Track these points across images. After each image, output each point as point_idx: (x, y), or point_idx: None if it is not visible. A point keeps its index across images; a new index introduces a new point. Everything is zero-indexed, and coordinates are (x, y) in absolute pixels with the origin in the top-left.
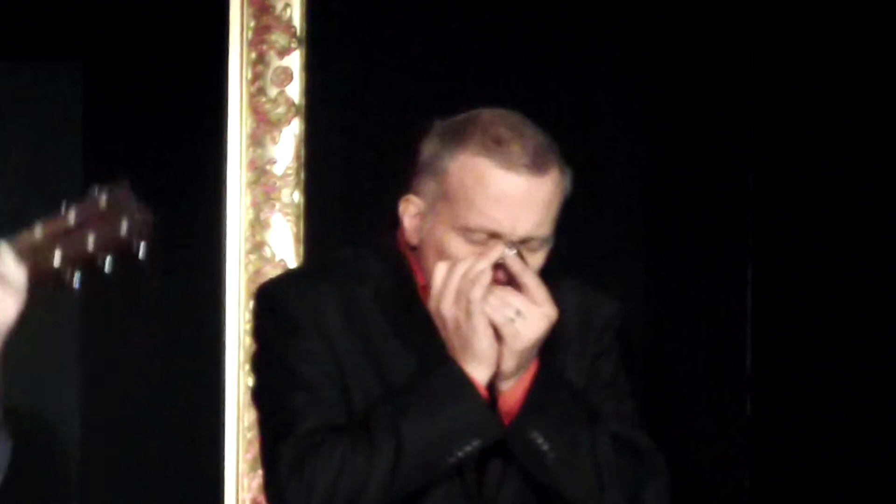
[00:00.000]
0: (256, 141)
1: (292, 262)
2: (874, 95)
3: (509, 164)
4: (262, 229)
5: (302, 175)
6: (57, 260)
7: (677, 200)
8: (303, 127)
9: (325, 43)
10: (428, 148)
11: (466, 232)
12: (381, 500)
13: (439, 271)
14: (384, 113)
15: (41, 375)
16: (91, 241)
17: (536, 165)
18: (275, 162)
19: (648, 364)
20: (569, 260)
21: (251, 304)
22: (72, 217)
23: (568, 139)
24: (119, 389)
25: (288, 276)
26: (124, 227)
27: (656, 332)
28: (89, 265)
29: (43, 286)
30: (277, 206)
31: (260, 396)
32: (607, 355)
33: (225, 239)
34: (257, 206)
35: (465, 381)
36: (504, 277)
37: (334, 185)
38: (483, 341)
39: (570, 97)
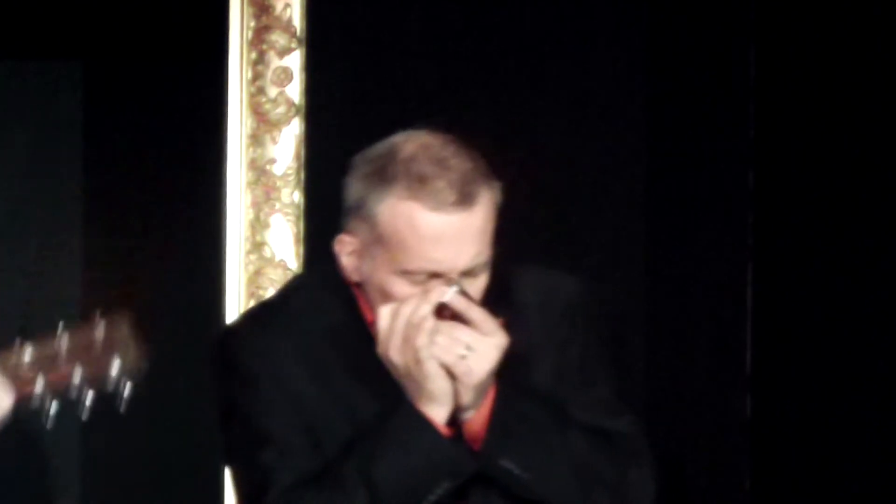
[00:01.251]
0: (256, 141)
1: (292, 262)
2: (875, 95)
3: (437, 205)
4: (262, 229)
5: (302, 175)
6: (38, 387)
7: (677, 200)
8: (303, 127)
9: (325, 43)
10: (353, 189)
11: (407, 275)
12: None
13: (383, 317)
14: (384, 113)
15: None
16: (77, 374)
17: (464, 199)
18: (275, 162)
19: (648, 364)
20: (569, 259)
21: (251, 303)
22: (63, 344)
23: (568, 139)
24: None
25: (241, 325)
26: (115, 366)
27: (656, 332)
28: (69, 396)
29: (21, 407)
30: (277, 206)
31: (229, 454)
32: (572, 340)
33: (225, 239)
34: (257, 206)
35: (425, 425)
36: (450, 314)
37: (334, 185)
38: (436, 384)
39: (570, 97)
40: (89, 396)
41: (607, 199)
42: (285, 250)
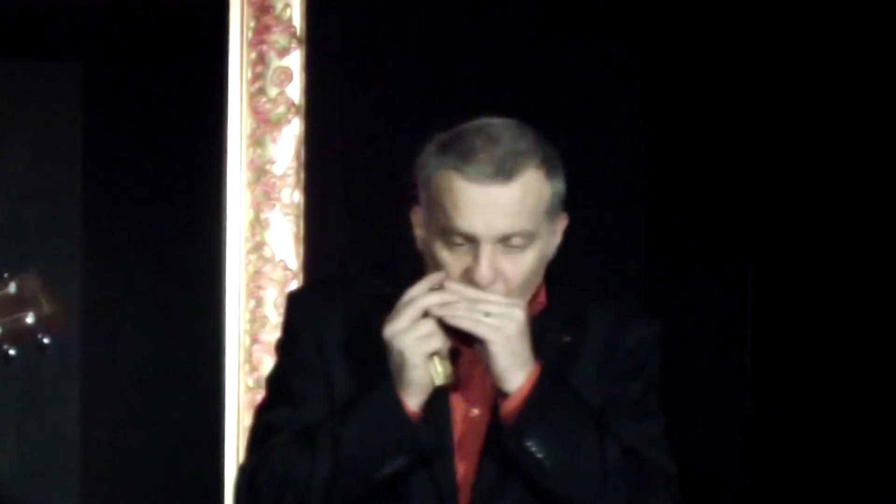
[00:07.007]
0: (256, 141)
1: (292, 263)
2: (874, 95)
3: (473, 177)
4: (262, 229)
5: (302, 175)
6: None
7: (677, 201)
8: (303, 127)
9: (325, 43)
10: (420, 159)
11: (445, 235)
12: None
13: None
14: (384, 113)
15: (41, 374)
16: None
17: (501, 174)
18: (275, 162)
19: None
20: (569, 261)
21: (251, 303)
22: None
23: (568, 139)
24: (119, 390)
25: (302, 288)
26: (31, 318)
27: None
28: None
29: None
30: (277, 206)
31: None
32: (637, 374)
33: (225, 239)
34: (257, 206)
35: (395, 404)
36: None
37: (334, 185)
38: (413, 373)
39: (571, 97)
40: (11, 349)
41: (607, 200)
42: (285, 250)
